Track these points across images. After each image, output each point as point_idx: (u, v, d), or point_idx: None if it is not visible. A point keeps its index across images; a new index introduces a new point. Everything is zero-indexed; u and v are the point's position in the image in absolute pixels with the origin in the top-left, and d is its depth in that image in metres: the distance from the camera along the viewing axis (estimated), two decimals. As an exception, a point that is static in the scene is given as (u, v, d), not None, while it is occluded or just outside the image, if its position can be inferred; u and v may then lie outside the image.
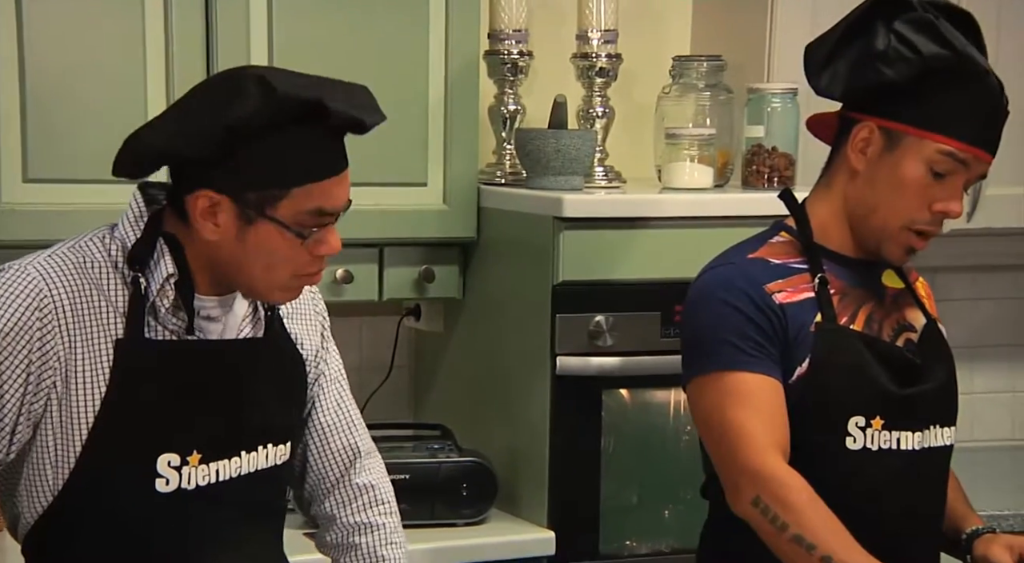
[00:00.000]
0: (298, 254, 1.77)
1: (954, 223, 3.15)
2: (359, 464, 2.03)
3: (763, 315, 1.94)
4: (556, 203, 2.66)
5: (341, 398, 2.02)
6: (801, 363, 1.95)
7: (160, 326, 1.78)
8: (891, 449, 1.96)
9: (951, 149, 1.90)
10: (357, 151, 2.69)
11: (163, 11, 2.60)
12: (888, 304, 2.03)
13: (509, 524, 2.76)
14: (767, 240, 2.04)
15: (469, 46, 2.80)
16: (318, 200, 1.74)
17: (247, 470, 1.84)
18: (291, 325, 1.94)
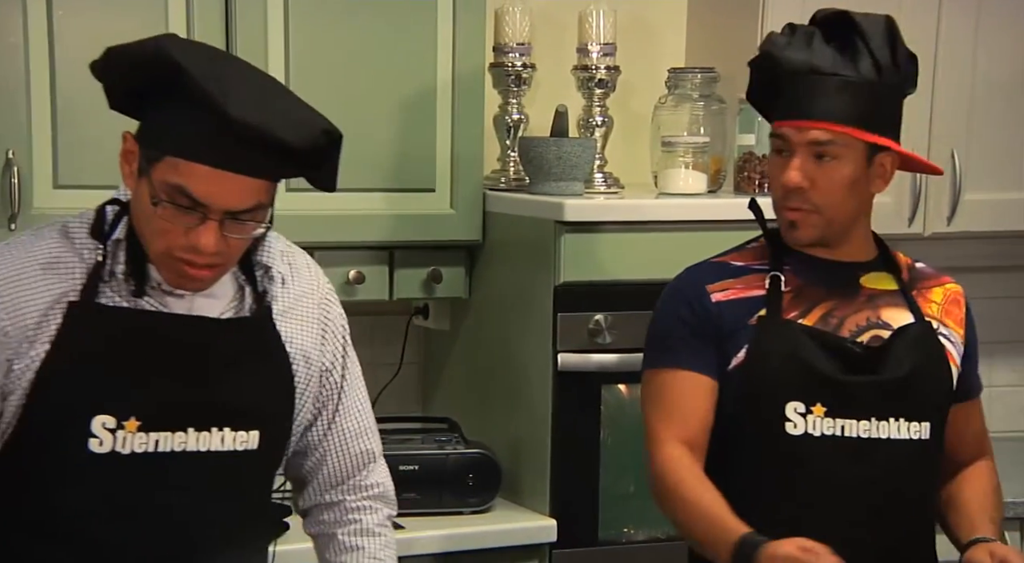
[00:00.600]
0: (168, 228, 1.70)
1: (934, 226, 3.25)
2: (372, 467, 2.03)
3: (694, 315, 2.03)
4: (557, 208, 2.70)
5: (362, 405, 2.00)
6: (738, 353, 2.01)
7: (115, 294, 1.76)
8: (835, 436, 1.98)
9: (773, 130, 2.01)
10: (369, 159, 2.79)
11: (185, 19, 2.61)
12: (860, 303, 2.06)
13: (513, 512, 2.78)
14: (745, 246, 2.12)
15: (475, 59, 2.83)
16: (185, 179, 1.66)
17: (195, 448, 1.78)
18: (282, 323, 1.88)
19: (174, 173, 1.67)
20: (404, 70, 2.78)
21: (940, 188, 3.21)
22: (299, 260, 1.95)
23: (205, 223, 1.69)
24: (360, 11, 2.74)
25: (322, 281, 1.97)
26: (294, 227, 2.71)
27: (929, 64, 3.18)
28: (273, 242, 1.89)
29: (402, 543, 2.63)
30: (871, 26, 2.00)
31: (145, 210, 1.72)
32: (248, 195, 1.70)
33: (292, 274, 1.91)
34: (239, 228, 1.72)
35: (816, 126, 1.97)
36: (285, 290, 1.89)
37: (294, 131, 1.69)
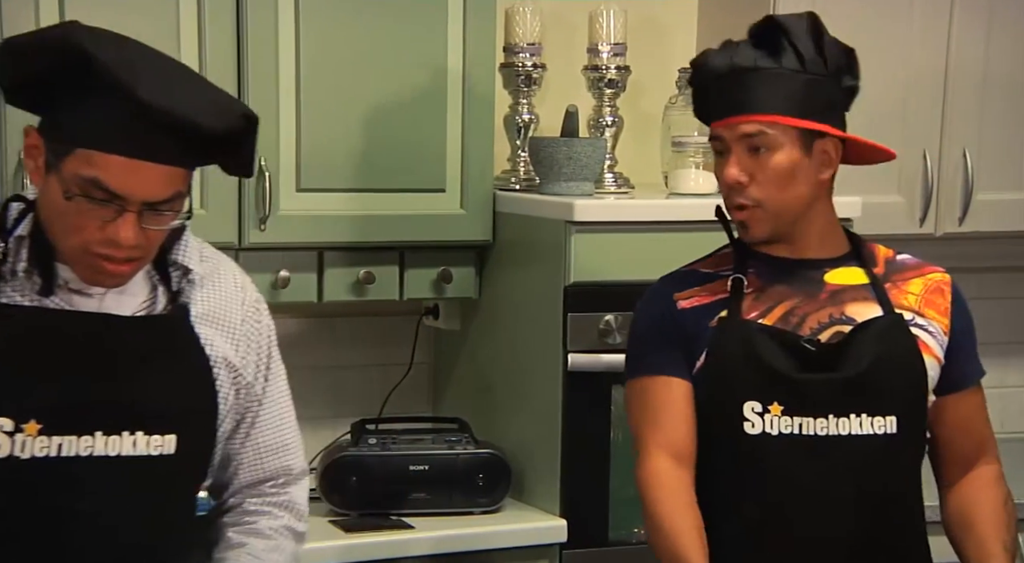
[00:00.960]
0: (84, 224, 1.65)
1: (946, 227, 3.24)
2: (288, 482, 1.96)
3: (663, 323, 2.05)
4: (568, 208, 2.70)
5: (281, 421, 1.93)
6: (700, 356, 2.02)
7: (17, 293, 1.71)
8: (792, 434, 1.98)
9: (713, 133, 2.05)
10: (380, 159, 2.80)
11: (196, 18, 2.61)
12: (824, 300, 2.05)
13: (523, 512, 2.79)
14: (717, 253, 2.13)
15: (485, 59, 2.83)
16: (99, 171, 1.62)
17: (104, 452, 1.71)
18: (201, 326, 1.82)
19: (87, 166, 1.62)
20: (414, 70, 2.79)
21: (952, 188, 3.21)
22: (224, 266, 1.89)
23: (123, 216, 1.64)
24: (370, 11, 2.75)
25: (249, 290, 1.91)
26: (304, 227, 2.75)
27: (941, 65, 3.18)
28: (192, 243, 1.84)
29: (412, 543, 2.68)
30: (793, 24, 2.02)
31: (57, 206, 1.66)
32: (166, 184, 1.65)
33: (215, 278, 1.86)
34: (157, 219, 1.67)
35: (744, 120, 1.99)
36: (205, 293, 1.84)
37: (212, 115, 1.64)
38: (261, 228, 2.70)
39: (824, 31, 2.03)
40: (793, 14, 2.05)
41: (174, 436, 1.76)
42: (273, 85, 2.69)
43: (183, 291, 1.81)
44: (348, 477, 2.73)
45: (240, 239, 2.70)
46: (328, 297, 2.81)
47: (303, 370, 3.06)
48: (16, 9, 2.50)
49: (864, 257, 2.11)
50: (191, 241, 1.84)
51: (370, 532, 2.67)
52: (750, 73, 2.00)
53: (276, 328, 3.16)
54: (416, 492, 2.75)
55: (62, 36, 1.63)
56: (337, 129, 2.75)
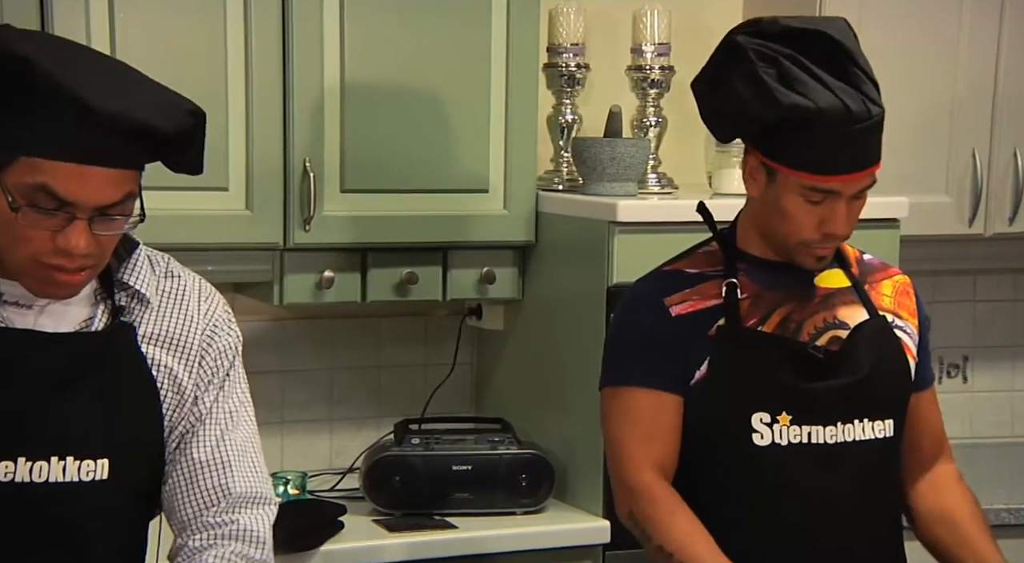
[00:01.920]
0: (32, 235, 1.58)
1: (996, 227, 3.19)
2: (229, 506, 1.78)
3: (655, 329, 1.98)
4: (611, 208, 2.68)
5: (222, 437, 1.78)
6: (700, 367, 1.96)
7: None
8: (802, 443, 1.95)
9: (814, 184, 1.90)
10: (423, 160, 2.79)
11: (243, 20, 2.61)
12: (816, 304, 2.02)
13: (566, 513, 2.77)
14: (695, 251, 2.07)
15: (529, 59, 2.83)
16: (45, 178, 1.55)
17: (27, 479, 1.63)
18: (148, 347, 1.73)
19: (33, 173, 1.55)
20: (458, 70, 2.79)
21: (1002, 188, 3.19)
22: (190, 284, 1.80)
23: (73, 223, 1.58)
24: (414, 13, 2.76)
25: (215, 310, 1.81)
26: (348, 228, 2.75)
27: (991, 64, 3.13)
28: (146, 266, 1.76)
29: (455, 543, 2.69)
30: (850, 42, 1.92)
31: (1, 218, 1.58)
32: (117, 188, 1.59)
33: (174, 297, 1.77)
34: (109, 224, 1.60)
35: (866, 175, 1.92)
36: (159, 313, 1.75)
37: (161, 116, 1.59)
38: (306, 229, 2.70)
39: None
40: (831, 20, 1.96)
41: (106, 460, 1.67)
42: (318, 87, 2.69)
43: (126, 309, 1.72)
44: (391, 477, 2.74)
45: (285, 240, 2.71)
46: (372, 297, 2.81)
47: (346, 370, 3.11)
48: (67, 10, 2.50)
49: (843, 259, 2.08)
50: (144, 261, 1.76)
51: (413, 532, 2.67)
52: (863, 124, 1.88)
53: (320, 327, 3.18)
54: (459, 492, 2.75)
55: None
56: (381, 130, 2.75)
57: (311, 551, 2.56)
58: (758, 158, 1.95)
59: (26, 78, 1.53)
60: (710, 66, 1.98)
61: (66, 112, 1.54)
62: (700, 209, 2.08)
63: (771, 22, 1.93)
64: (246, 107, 2.64)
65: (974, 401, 3.44)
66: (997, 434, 3.44)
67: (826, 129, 1.86)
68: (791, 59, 1.88)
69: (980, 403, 3.44)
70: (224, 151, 2.62)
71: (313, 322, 3.03)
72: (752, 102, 1.88)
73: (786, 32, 1.91)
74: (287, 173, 2.69)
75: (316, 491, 2.86)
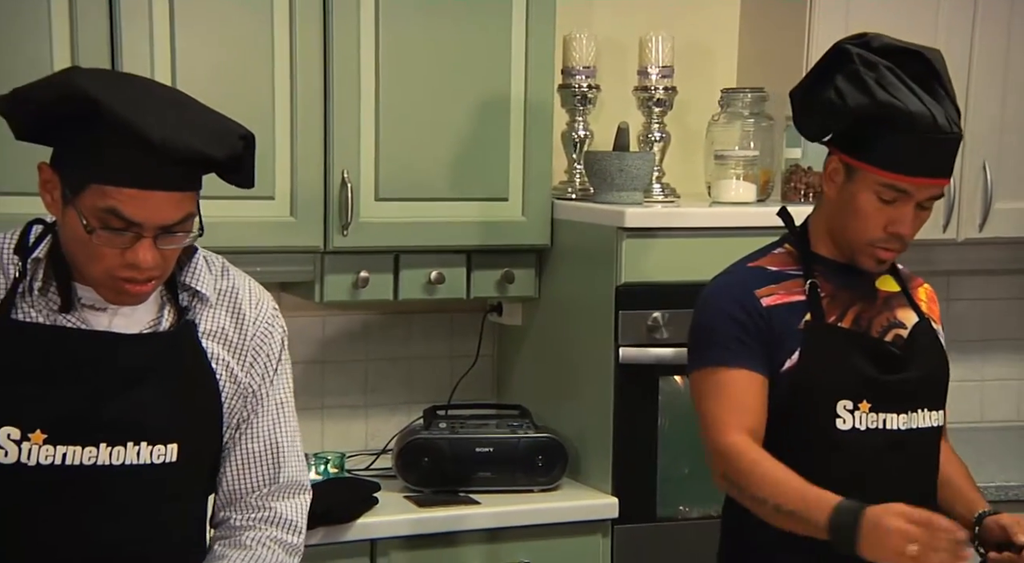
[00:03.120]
0: (105, 252, 1.62)
1: (967, 233, 3.20)
2: (271, 493, 1.82)
3: (748, 317, 1.98)
4: (619, 215, 2.71)
5: (273, 429, 1.82)
6: (791, 356, 1.98)
7: (32, 310, 1.67)
8: (878, 429, 1.98)
9: (890, 181, 1.91)
10: (450, 172, 2.82)
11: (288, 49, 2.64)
12: (880, 305, 2.05)
13: (578, 491, 2.80)
14: (770, 251, 2.09)
15: (545, 81, 2.85)
16: (114, 202, 1.59)
17: (107, 462, 1.67)
18: (208, 342, 1.76)
19: (103, 198, 1.59)
20: (481, 92, 2.81)
21: (972, 198, 3.20)
22: (242, 284, 1.83)
23: (140, 241, 1.62)
24: (442, 40, 2.75)
25: (265, 310, 1.83)
26: (382, 233, 2.77)
27: (963, 83, 3.12)
28: (203, 268, 1.79)
29: (479, 517, 2.69)
30: (943, 68, 1.95)
31: (78, 237, 1.63)
32: (177, 208, 1.63)
33: (229, 296, 1.80)
34: (172, 240, 1.65)
35: (940, 183, 1.95)
36: (217, 311, 1.78)
37: (216, 143, 1.62)
38: (344, 234, 2.72)
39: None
40: (928, 50, 1.96)
41: (176, 445, 1.72)
42: (355, 108, 2.72)
43: (191, 309, 1.76)
44: (421, 457, 2.76)
45: (325, 244, 2.73)
46: (403, 296, 2.83)
47: (381, 361, 3.12)
48: (133, 34, 2.53)
49: (893, 266, 2.12)
50: (202, 264, 1.79)
51: (440, 507, 2.70)
52: (947, 137, 1.90)
53: (357, 323, 3.20)
54: (481, 471, 2.77)
55: (67, 84, 1.60)
56: (412, 146, 2.78)
57: (349, 523, 2.59)
58: (840, 158, 1.97)
59: (94, 116, 1.58)
60: (814, 70, 2.00)
61: (129, 145, 1.57)
62: (781, 213, 2.11)
63: (876, 37, 1.97)
64: (291, 126, 2.68)
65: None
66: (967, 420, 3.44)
67: (910, 133, 1.89)
68: (889, 69, 1.92)
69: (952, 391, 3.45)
70: (271, 165, 2.65)
71: (350, 318, 3.06)
72: (851, 96, 1.90)
73: (888, 48, 1.96)
74: (327, 184, 2.71)
75: (353, 470, 2.89)
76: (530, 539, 2.70)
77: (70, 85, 1.59)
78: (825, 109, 1.95)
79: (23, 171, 1.79)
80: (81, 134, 1.60)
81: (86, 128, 1.59)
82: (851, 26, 2.91)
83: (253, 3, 2.61)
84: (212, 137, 1.62)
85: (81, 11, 2.47)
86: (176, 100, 1.68)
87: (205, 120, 1.65)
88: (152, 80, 1.74)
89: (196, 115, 1.65)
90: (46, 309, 1.68)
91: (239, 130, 1.68)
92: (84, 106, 1.57)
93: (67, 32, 2.47)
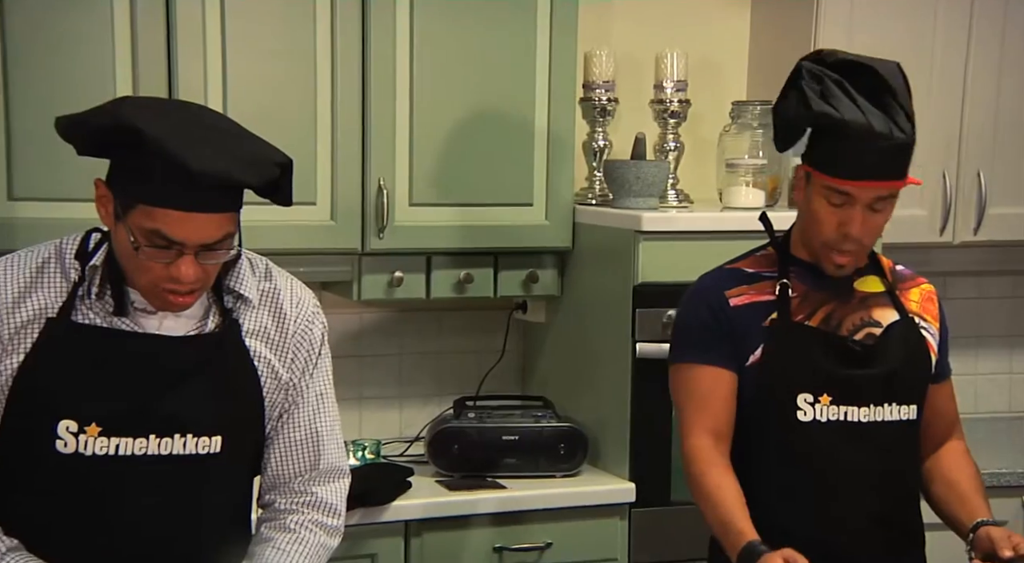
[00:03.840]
0: (151, 266, 1.66)
1: (963, 236, 3.20)
2: (313, 478, 1.86)
3: (714, 317, 2.03)
4: (636, 219, 2.74)
5: (314, 418, 1.86)
6: (754, 352, 2.01)
7: (91, 312, 1.72)
8: (839, 421, 1.99)
9: (832, 185, 1.93)
10: (478, 179, 2.85)
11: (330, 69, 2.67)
12: (855, 304, 2.05)
13: (598, 476, 2.83)
14: (753, 254, 2.13)
15: (567, 95, 2.88)
16: (158, 224, 1.63)
17: (156, 452, 1.72)
18: (250, 340, 1.79)
19: (148, 218, 1.64)
20: (508, 106, 2.85)
21: (968, 203, 3.21)
22: (282, 284, 1.86)
23: (182, 257, 1.66)
24: (470, 59, 2.79)
25: (305, 308, 1.86)
26: (415, 236, 2.82)
27: (958, 95, 3.14)
28: (247, 271, 1.82)
29: (505, 500, 2.81)
30: (895, 80, 1.95)
31: (126, 250, 1.68)
32: (217, 229, 1.67)
33: (272, 296, 1.83)
34: (212, 256, 1.69)
35: (881, 186, 1.94)
36: (258, 312, 1.81)
37: (253, 172, 1.66)
38: (380, 237, 2.76)
39: (907, 82, 1.98)
40: (882, 62, 1.95)
41: (220, 437, 1.77)
42: (391, 121, 2.76)
43: (235, 311, 1.80)
44: (451, 445, 2.81)
45: (363, 246, 2.78)
46: (435, 294, 2.87)
47: (414, 355, 3.17)
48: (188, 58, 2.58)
49: (879, 268, 2.14)
50: (246, 267, 1.82)
51: (469, 491, 2.74)
52: (887, 141, 1.89)
53: (392, 320, 3.23)
54: (508, 458, 2.81)
55: (115, 114, 1.64)
56: (443, 156, 2.82)
57: (385, 505, 2.63)
58: (803, 167, 2.00)
59: (139, 145, 1.62)
60: (783, 88, 2.02)
61: (172, 172, 1.61)
62: (762, 218, 2.13)
63: (830, 53, 1.99)
64: (331, 137, 2.73)
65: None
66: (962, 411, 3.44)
67: (849, 140, 1.90)
68: (835, 81, 1.93)
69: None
70: (313, 173, 2.71)
71: (386, 315, 3.10)
72: (792, 108, 1.94)
73: (840, 62, 1.97)
74: (364, 191, 2.75)
75: (388, 456, 2.92)
76: (552, 521, 2.74)
77: (117, 115, 1.64)
78: (776, 121, 2.00)
79: (84, 180, 1.85)
80: (130, 159, 1.65)
81: (133, 154, 1.63)
82: (855, 41, 2.95)
83: (296, 26, 2.67)
84: (249, 165, 1.66)
85: (141, 37, 2.52)
86: (218, 128, 1.71)
87: (245, 148, 1.68)
88: (199, 107, 1.78)
89: (236, 143, 1.68)
90: (102, 312, 1.73)
91: (276, 157, 1.71)
92: (130, 136, 1.62)
93: (129, 57, 2.51)
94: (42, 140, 1.88)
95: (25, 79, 2.45)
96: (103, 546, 1.74)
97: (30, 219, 2.44)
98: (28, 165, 2.47)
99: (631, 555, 2.78)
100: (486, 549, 2.70)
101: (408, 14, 2.72)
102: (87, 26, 2.51)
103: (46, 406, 1.71)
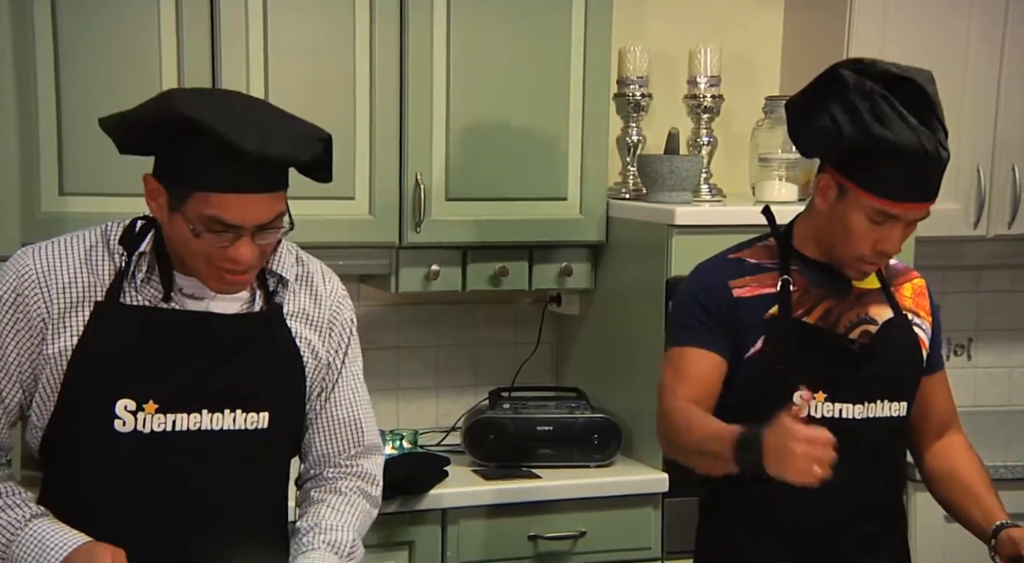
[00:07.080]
0: (210, 250, 1.69)
1: (997, 229, 3.18)
2: (361, 453, 1.93)
3: (715, 303, 2.00)
4: (670, 213, 2.72)
5: (353, 398, 1.91)
6: (755, 343, 1.99)
7: (138, 295, 1.74)
8: (834, 417, 1.98)
9: (881, 207, 1.89)
10: (513, 174, 2.86)
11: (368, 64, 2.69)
12: (852, 301, 2.03)
13: (631, 466, 2.82)
14: (755, 243, 2.09)
15: (602, 90, 2.88)
16: (215, 210, 1.65)
17: (209, 427, 1.75)
18: (292, 322, 1.83)
19: (205, 206, 1.66)
20: (543, 102, 2.85)
21: (1002, 197, 3.17)
22: (314, 267, 1.90)
23: (240, 239, 1.69)
24: (506, 55, 2.80)
25: (336, 288, 1.91)
26: (451, 230, 2.83)
27: (993, 90, 3.11)
28: (286, 256, 1.86)
29: (540, 489, 2.74)
30: (933, 92, 1.91)
31: (184, 239, 1.70)
32: (271, 208, 1.70)
33: (306, 280, 1.87)
34: (267, 235, 1.72)
35: (927, 206, 1.93)
36: (296, 294, 1.85)
37: (299, 148, 1.69)
38: (417, 230, 2.78)
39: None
40: (917, 71, 1.92)
41: (267, 414, 1.80)
42: (428, 117, 2.77)
43: (278, 293, 1.84)
44: (487, 435, 2.81)
45: (400, 239, 2.79)
46: (471, 287, 2.88)
47: (450, 347, 3.18)
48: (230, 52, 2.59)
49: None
50: (287, 254, 1.86)
51: (505, 480, 2.74)
52: (934, 162, 1.87)
53: (429, 312, 3.24)
54: (542, 448, 2.81)
55: (168, 107, 1.66)
56: (479, 150, 2.82)
57: (422, 494, 2.65)
58: (833, 176, 1.94)
59: (192, 134, 1.64)
60: (810, 90, 1.97)
61: (226, 156, 1.64)
62: (765, 211, 2.11)
63: (872, 63, 1.94)
64: (370, 133, 2.74)
65: (977, 376, 3.44)
66: (996, 403, 3.44)
67: (901, 163, 1.86)
68: (883, 98, 1.88)
69: (982, 377, 3.44)
70: (351, 168, 2.72)
71: (423, 307, 3.11)
72: (845, 126, 1.87)
73: (883, 74, 1.91)
74: (402, 185, 2.76)
75: (426, 445, 2.93)
76: (586, 511, 2.73)
77: (170, 108, 1.66)
78: (819, 134, 1.93)
79: (130, 176, 1.87)
80: (183, 150, 1.66)
81: (187, 144, 1.65)
82: (888, 37, 2.93)
83: (336, 24, 2.68)
84: (298, 143, 1.69)
85: (187, 37, 2.55)
86: (264, 112, 1.74)
87: (290, 127, 1.71)
88: (239, 93, 1.82)
89: (282, 124, 1.72)
90: (149, 296, 1.76)
91: (319, 134, 1.74)
92: (184, 126, 1.64)
93: (174, 56, 2.54)
94: (91, 137, 1.91)
95: (75, 77, 2.49)
96: (156, 520, 1.76)
97: (80, 214, 2.48)
98: (78, 161, 2.51)
99: (664, 544, 2.77)
100: (521, 537, 2.70)
101: (445, 12, 2.73)
102: (134, 26, 2.54)
103: (104, 387, 1.73)
